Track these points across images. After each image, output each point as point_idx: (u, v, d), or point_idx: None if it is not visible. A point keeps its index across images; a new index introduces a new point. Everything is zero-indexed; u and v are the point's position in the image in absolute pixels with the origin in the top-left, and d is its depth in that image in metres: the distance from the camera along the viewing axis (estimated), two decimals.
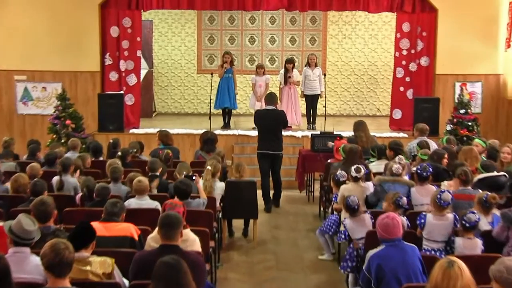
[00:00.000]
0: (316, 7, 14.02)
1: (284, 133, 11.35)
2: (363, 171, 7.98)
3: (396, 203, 6.77)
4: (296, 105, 14.06)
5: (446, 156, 8.57)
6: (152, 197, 7.33)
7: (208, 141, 10.38)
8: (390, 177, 7.79)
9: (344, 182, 8.16)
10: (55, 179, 8.24)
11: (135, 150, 10.18)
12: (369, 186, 8.01)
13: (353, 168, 8.06)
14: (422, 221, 6.42)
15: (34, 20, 13.83)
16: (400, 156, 8.36)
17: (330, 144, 10.64)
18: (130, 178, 7.66)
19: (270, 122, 10.84)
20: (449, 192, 6.47)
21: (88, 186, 7.32)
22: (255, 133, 13.09)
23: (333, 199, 8.27)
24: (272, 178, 11.03)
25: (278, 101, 12.32)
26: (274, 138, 10.85)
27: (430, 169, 7.55)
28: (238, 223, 9.51)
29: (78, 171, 8.55)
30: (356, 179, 7.97)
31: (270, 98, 11.09)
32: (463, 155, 8.56)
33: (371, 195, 7.84)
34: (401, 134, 13.46)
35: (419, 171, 7.56)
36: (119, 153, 9.44)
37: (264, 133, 10.92)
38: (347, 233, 7.25)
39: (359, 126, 10.68)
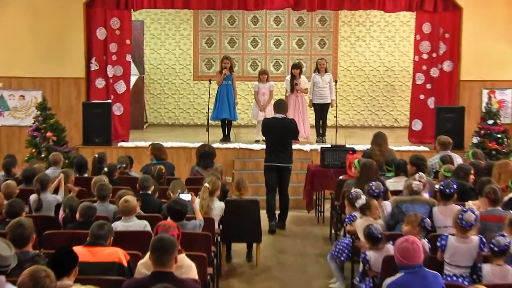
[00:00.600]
0: (326, 6, 14.04)
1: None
2: (360, 200, 7.82)
3: (422, 225, 6.75)
4: (304, 115, 14.07)
5: (472, 172, 8.55)
6: (141, 218, 7.33)
7: (205, 155, 10.38)
8: (408, 196, 7.76)
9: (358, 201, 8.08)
10: (33, 198, 8.22)
11: (124, 165, 10.19)
12: (387, 206, 7.97)
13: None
14: (443, 242, 6.40)
15: (11, 21, 13.86)
16: (421, 173, 8.30)
17: None
18: (120, 195, 7.65)
19: (279, 132, 10.87)
20: (473, 212, 6.43)
21: (71, 205, 7.31)
22: (258, 146, 13.15)
23: (346, 220, 8.22)
24: (279, 195, 11.04)
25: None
26: (283, 149, 10.88)
27: (454, 186, 7.52)
28: (239, 247, 9.49)
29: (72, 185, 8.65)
30: (362, 211, 7.71)
31: (279, 105, 11.13)
32: (498, 169, 8.57)
33: (389, 218, 7.78)
34: (422, 148, 13.44)
35: (441, 188, 7.54)
36: (105, 169, 9.44)
37: (272, 144, 10.96)
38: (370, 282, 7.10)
39: (375, 139, 10.70)
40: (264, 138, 11.79)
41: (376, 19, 17.32)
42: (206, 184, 8.39)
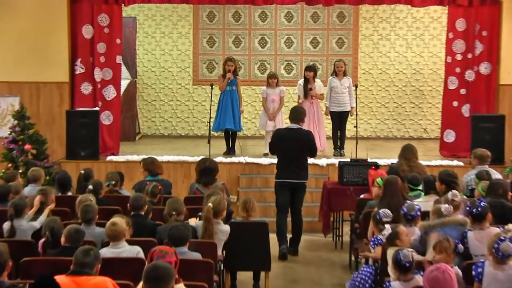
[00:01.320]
0: (345, 0, 14.09)
1: None
2: (386, 230, 7.73)
3: (456, 252, 6.72)
4: (320, 125, 14.07)
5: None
6: (132, 243, 7.33)
7: (206, 171, 10.38)
8: (436, 221, 7.69)
9: (387, 223, 8.02)
10: (6, 226, 8.18)
11: (113, 182, 10.19)
12: (414, 231, 7.93)
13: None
14: (480, 270, 6.36)
15: None
16: (454, 191, 8.25)
17: None
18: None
19: (294, 145, 10.89)
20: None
21: (52, 228, 7.31)
22: (267, 160, 13.15)
23: (370, 244, 8.19)
24: (291, 216, 11.04)
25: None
26: (298, 165, 10.90)
27: (481, 203, 7.44)
28: (245, 276, 9.48)
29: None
30: (390, 241, 7.52)
31: (296, 113, 11.13)
32: None
33: (418, 245, 7.72)
34: (455, 162, 13.44)
35: (468, 209, 7.48)
36: (90, 187, 9.44)
37: (285, 158, 10.98)
38: None
39: (403, 152, 10.75)
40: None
41: (402, 14, 17.35)
42: (210, 204, 8.37)
